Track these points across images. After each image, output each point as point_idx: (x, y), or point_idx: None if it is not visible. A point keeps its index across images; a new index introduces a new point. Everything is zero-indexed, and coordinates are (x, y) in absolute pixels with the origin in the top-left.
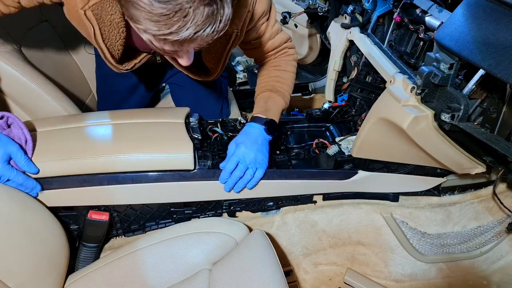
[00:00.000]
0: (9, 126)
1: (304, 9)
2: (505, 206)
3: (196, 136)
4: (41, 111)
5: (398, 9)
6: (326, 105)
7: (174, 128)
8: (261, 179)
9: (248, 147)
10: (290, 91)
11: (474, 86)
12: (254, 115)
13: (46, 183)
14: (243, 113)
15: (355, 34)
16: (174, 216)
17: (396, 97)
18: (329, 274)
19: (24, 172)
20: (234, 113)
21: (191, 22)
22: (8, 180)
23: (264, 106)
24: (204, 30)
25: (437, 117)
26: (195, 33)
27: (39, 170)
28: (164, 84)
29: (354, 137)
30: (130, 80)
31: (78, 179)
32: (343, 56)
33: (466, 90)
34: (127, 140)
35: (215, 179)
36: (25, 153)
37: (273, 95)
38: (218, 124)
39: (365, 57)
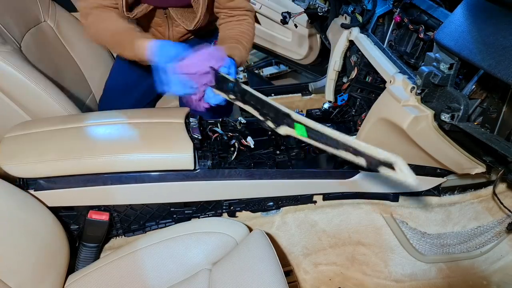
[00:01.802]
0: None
1: (304, 9)
2: (505, 206)
3: (196, 136)
4: (41, 111)
5: (398, 9)
6: (326, 105)
7: (174, 128)
8: (262, 179)
9: None
10: (250, 46)
11: (474, 86)
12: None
13: (47, 183)
14: (243, 113)
15: (355, 34)
16: (174, 216)
17: (396, 97)
18: (329, 274)
19: None
20: (235, 113)
21: None
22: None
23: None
24: None
25: (437, 117)
26: None
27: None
28: None
29: (354, 137)
30: (145, 67)
31: (81, 179)
32: (343, 56)
33: (466, 90)
34: (127, 140)
35: (216, 179)
36: None
37: (238, 45)
38: (218, 124)
39: (365, 57)
